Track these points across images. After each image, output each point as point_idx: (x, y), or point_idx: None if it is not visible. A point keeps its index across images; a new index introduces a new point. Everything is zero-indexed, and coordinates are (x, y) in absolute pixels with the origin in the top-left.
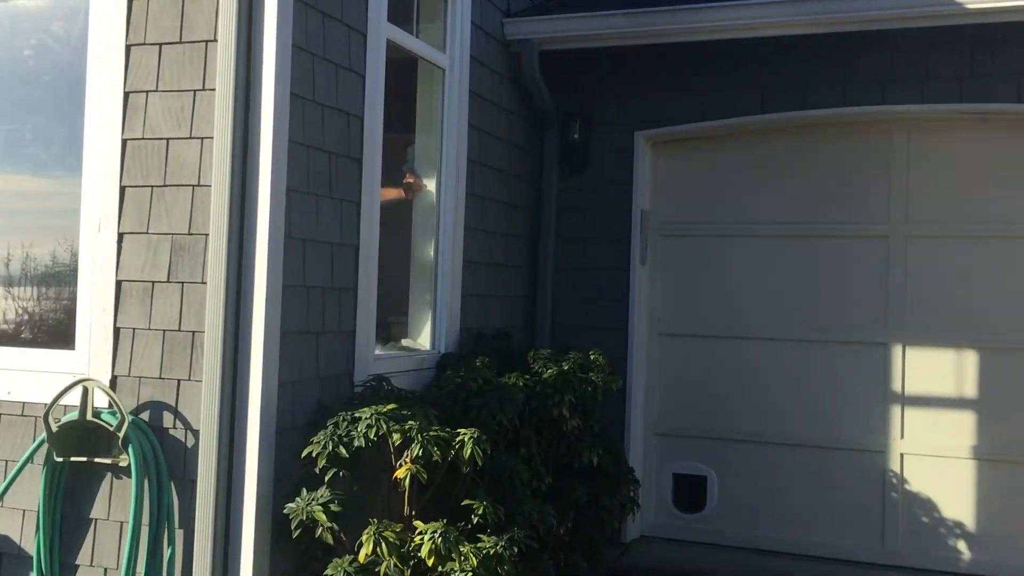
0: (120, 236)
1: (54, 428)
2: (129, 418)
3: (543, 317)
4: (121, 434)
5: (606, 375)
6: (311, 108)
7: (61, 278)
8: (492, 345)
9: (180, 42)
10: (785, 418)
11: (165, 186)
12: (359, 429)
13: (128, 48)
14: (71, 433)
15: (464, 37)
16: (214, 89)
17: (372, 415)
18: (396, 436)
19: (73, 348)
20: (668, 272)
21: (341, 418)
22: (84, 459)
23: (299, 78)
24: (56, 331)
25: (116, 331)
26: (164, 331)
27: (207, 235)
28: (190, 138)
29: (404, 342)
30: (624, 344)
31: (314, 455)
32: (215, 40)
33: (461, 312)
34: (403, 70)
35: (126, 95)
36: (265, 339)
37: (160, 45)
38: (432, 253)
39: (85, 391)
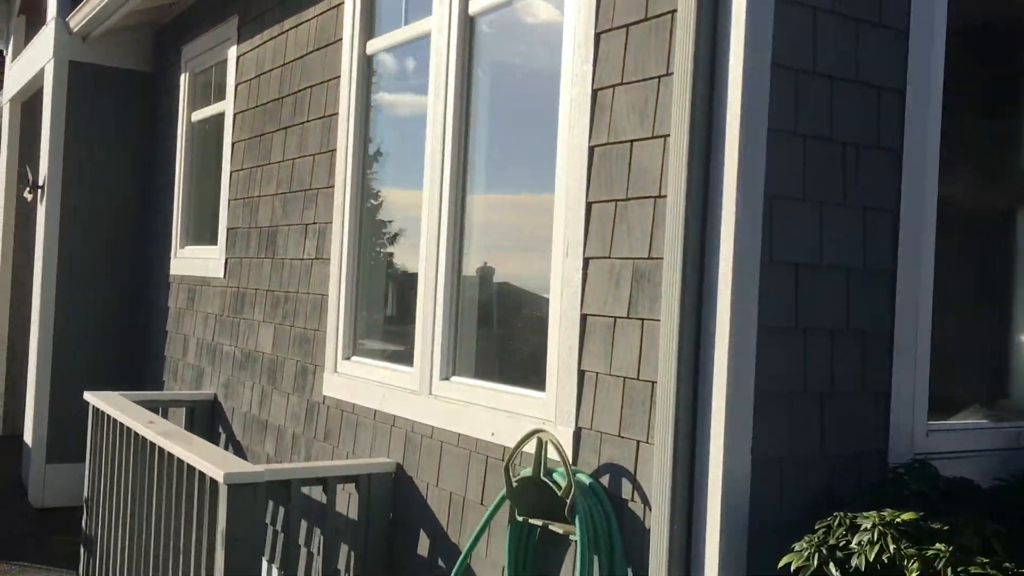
0: (585, 262)
1: (514, 483)
2: (583, 482)
3: None
4: (568, 501)
5: None
6: (806, 81)
7: (533, 306)
8: None
9: (645, 19)
10: None
11: (628, 200)
12: (859, 542)
13: (598, 36)
14: (531, 490)
15: None
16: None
17: (874, 526)
18: (913, 567)
19: (543, 390)
20: None
21: (837, 521)
22: (540, 523)
23: (783, 40)
24: (527, 368)
25: (580, 374)
26: (624, 378)
27: (662, 259)
28: (652, 138)
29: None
30: None
31: (793, 568)
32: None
33: None
34: None
35: (594, 93)
36: (728, 401)
37: (627, 27)
38: None
39: (540, 444)
